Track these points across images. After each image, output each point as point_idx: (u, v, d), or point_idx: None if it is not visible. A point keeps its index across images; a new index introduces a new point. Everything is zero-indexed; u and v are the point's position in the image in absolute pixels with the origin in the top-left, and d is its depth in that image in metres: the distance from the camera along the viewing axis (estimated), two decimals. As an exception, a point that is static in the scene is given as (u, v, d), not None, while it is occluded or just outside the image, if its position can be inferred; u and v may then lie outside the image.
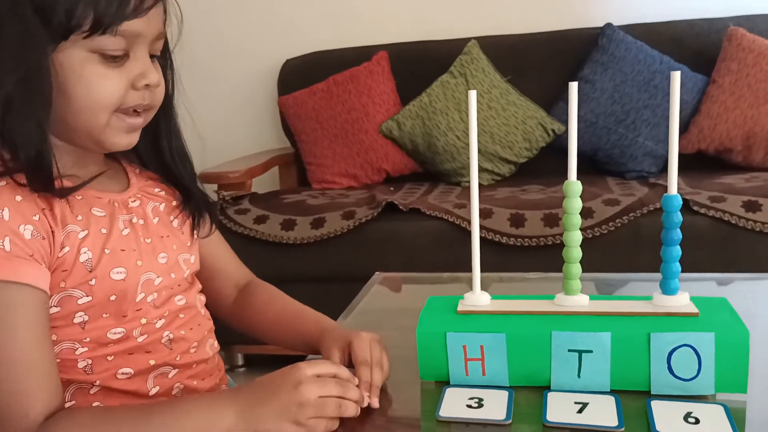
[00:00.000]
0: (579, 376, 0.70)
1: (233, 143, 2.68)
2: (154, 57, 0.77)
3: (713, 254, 1.72)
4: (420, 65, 2.42)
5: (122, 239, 0.76)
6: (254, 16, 2.71)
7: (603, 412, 0.66)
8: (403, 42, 2.49)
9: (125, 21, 0.69)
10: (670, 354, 0.68)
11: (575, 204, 0.73)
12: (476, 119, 0.73)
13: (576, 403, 0.68)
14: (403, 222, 1.91)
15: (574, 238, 0.74)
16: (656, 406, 0.66)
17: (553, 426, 0.65)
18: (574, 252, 0.74)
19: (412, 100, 2.34)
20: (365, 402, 0.70)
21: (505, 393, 0.71)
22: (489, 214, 1.85)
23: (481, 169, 2.25)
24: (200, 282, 0.90)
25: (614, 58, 2.22)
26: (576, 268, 0.74)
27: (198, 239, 0.89)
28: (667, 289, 0.72)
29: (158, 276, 0.79)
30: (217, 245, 0.95)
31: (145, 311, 0.78)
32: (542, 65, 2.36)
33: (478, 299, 0.77)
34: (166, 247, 0.81)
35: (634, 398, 0.68)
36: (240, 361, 2.19)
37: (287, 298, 0.93)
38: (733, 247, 1.73)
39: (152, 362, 0.78)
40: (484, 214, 1.84)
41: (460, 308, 0.76)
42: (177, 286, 0.82)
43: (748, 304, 0.87)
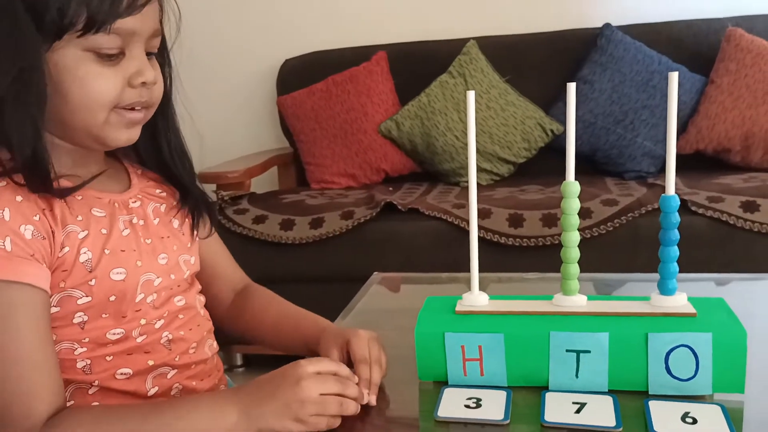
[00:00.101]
0: (577, 377, 0.70)
1: (232, 143, 2.68)
2: (152, 54, 0.77)
3: (711, 254, 1.72)
4: (419, 65, 2.42)
5: (122, 240, 0.76)
6: (253, 16, 2.71)
7: (601, 412, 0.66)
8: (402, 42, 2.49)
9: (119, 19, 0.69)
10: (668, 354, 0.68)
11: (573, 204, 0.73)
12: (475, 119, 0.73)
13: (574, 403, 0.68)
14: (402, 222, 1.91)
15: (573, 239, 0.74)
16: (654, 406, 0.66)
17: (551, 426, 0.65)
18: (573, 252, 0.74)
19: (411, 100, 2.34)
20: (365, 400, 0.71)
21: (503, 393, 0.71)
22: (487, 214, 1.85)
23: (480, 169, 2.25)
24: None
25: (613, 59, 2.22)
26: (574, 269, 0.74)
27: (198, 240, 0.89)
28: (665, 290, 0.72)
29: (158, 277, 0.79)
30: (216, 248, 0.95)
31: (145, 312, 0.77)
32: (541, 65, 2.36)
33: (477, 299, 0.77)
34: (167, 248, 0.81)
35: (632, 398, 0.68)
36: (239, 361, 2.19)
37: (284, 302, 0.93)
38: (731, 248, 1.73)
39: (151, 363, 0.78)
40: (483, 214, 1.84)
41: (459, 308, 0.76)
42: (177, 287, 0.82)
43: (746, 305, 0.87)
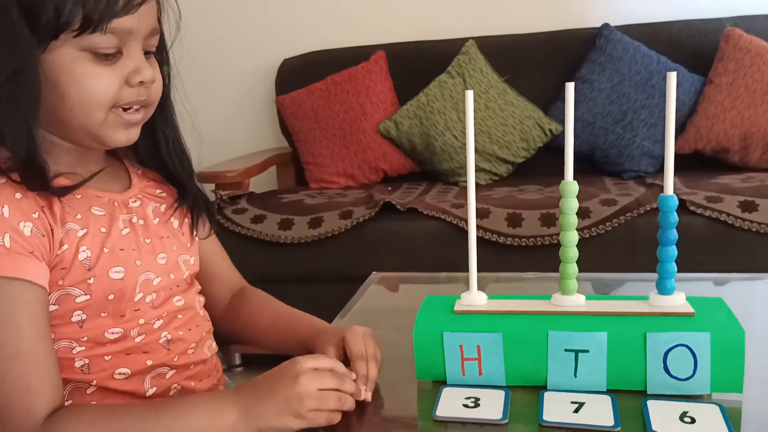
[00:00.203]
0: (575, 376, 0.70)
1: (231, 143, 2.68)
2: (150, 53, 0.76)
3: (709, 254, 1.72)
4: (418, 65, 2.42)
5: (122, 239, 0.76)
6: (252, 16, 2.71)
7: (599, 412, 0.66)
8: (401, 42, 2.49)
9: (115, 18, 0.69)
10: (666, 354, 0.68)
11: (572, 204, 0.73)
12: (473, 119, 0.73)
13: (572, 403, 0.68)
14: (401, 222, 1.90)
15: (571, 238, 0.74)
16: (652, 406, 0.66)
17: (550, 425, 0.65)
18: (571, 252, 0.74)
19: (410, 100, 2.34)
20: (362, 396, 0.71)
21: (502, 392, 0.71)
22: (486, 214, 1.85)
23: (479, 169, 2.25)
24: None
25: (611, 59, 2.22)
26: (573, 268, 0.74)
27: (197, 240, 0.89)
28: (664, 289, 0.72)
29: (157, 276, 0.79)
30: (215, 249, 0.95)
31: (144, 311, 0.77)
32: (540, 65, 2.36)
33: (475, 299, 0.77)
34: (166, 248, 0.81)
35: (630, 398, 0.69)
36: (237, 361, 2.19)
37: (279, 303, 0.94)
38: (730, 248, 1.73)
39: (150, 363, 0.78)
40: (482, 214, 1.84)
41: (457, 308, 0.76)
42: (176, 287, 0.82)
43: (744, 304, 0.87)
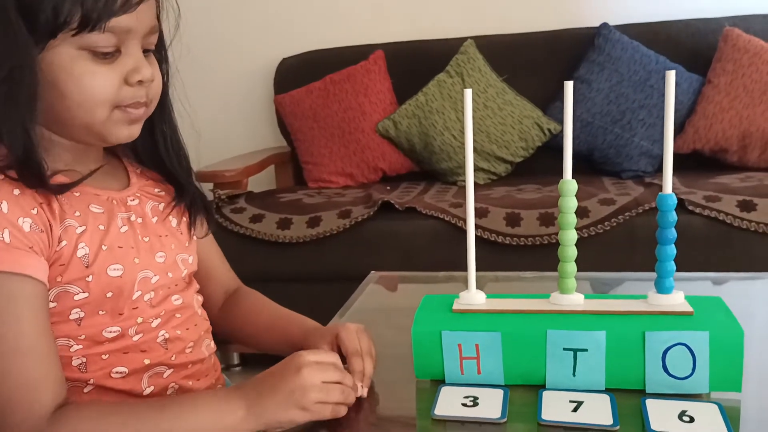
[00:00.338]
0: (574, 375, 0.70)
1: (229, 142, 2.68)
2: (149, 51, 0.76)
3: (708, 254, 1.72)
4: (416, 64, 2.42)
5: (120, 236, 0.76)
6: (251, 15, 2.70)
7: (598, 411, 0.66)
8: (400, 41, 2.49)
9: (113, 17, 0.68)
10: (665, 353, 0.68)
11: (570, 203, 0.73)
12: (472, 118, 0.73)
13: (571, 402, 0.68)
14: (400, 221, 1.90)
15: (570, 237, 0.74)
16: (651, 405, 0.66)
17: (548, 424, 0.65)
18: (570, 251, 0.74)
19: (409, 99, 2.34)
20: (359, 392, 0.72)
21: (500, 391, 0.71)
22: (485, 214, 1.85)
23: (477, 169, 2.24)
24: None
25: (610, 58, 2.22)
26: (571, 267, 0.74)
27: (195, 239, 0.89)
28: (662, 288, 0.72)
29: (155, 275, 0.79)
30: (211, 249, 0.95)
31: (142, 310, 0.77)
32: (538, 65, 2.36)
33: (474, 298, 0.77)
34: (164, 247, 0.81)
35: (629, 397, 0.69)
36: (236, 361, 2.19)
37: (273, 304, 0.94)
38: (728, 247, 1.73)
39: (147, 362, 0.78)
40: (480, 213, 1.84)
41: (456, 307, 0.76)
42: (174, 286, 0.82)
43: (743, 304, 0.87)
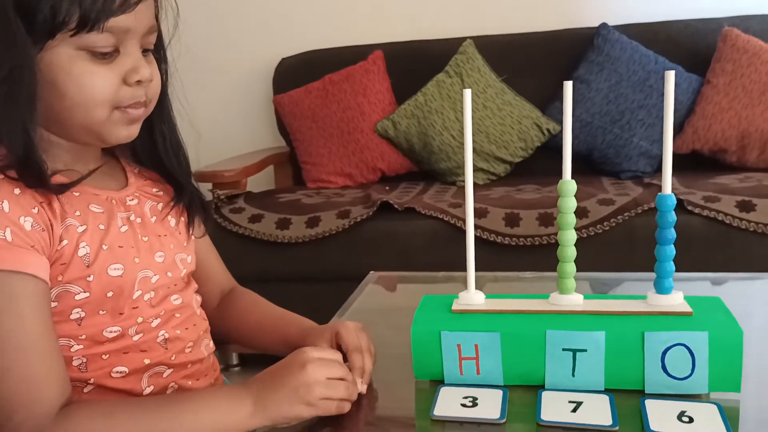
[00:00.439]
0: (573, 375, 0.70)
1: (228, 142, 2.68)
2: (148, 51, 0.76)
3: (707, 254, 1.72)
4: (415, 64, 2.42)
5: (120, 236, 0.76)
6: (250, 15, 2.70)
7: (597, 411, 0.66)
8: (399, 41, 2.49)
9: (112, 17, 0.68)
10: (664, 353, 0.68)
11: (570, 203, 0.73)
12: (471, 119, 0.73)
13: (570, 402, 0.68)
14: (399, 221, 1.90)
15: (569, 238, 0.74)
16: (650, 405, 0.66)
17: (548, 425, 0.65)
18: (569, 251, 0.74)
19: (408, 100, 2.34)
20: (359, 388, 0.72)
21: (500, 392, 0.71)
22: (484, 214, 1.85)
23: (477, 169, 2.24)
24: None
25: (609, 58, 2.22)
26: (570, 267, 0.74)
27: (193, 239, 0.89)
28: (662, 289, 0.72)
29: (155, 274, 0.79)
30: (208, 250, 0.95)
31: (142, 310, 0.77)
32: (538, 65, 2.36)
33: (473, 298, 0.77)
34: (164, 246, 0.81)
35: (628, 397, 0.69)
36: (235, 361, 2.19)
37: (269, 304, 0.94)
38: (727, 247, 1.73)
39: (147, 361, 0.78)
40: (479, 214, 1.84)
41: (455, 307, 0.76)
42: (173, 286, 0.82)
43: (742, 304, 0.87)
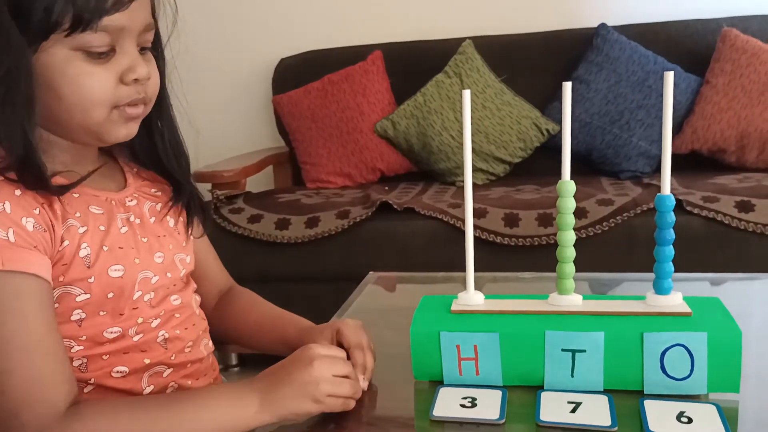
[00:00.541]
0: (572, 376, 0.70)
1: (227, 142, 2.67)
2: (146, 49, 0.75)
3: (706, 254, 1.72)
4: (415, 65, 2.42)
5: (120, 237, 0.76)
6: (249, 15, 2.70)
7: (596, 412, 0.66)
8: (398, 41, 2.49)
9: (106, 16, 0.68)
10: (663, 353, 0.68)
11: (569, 204, 0.73)
12: (470, 119, 0.73)
13: (569, 403, 0.68)
14: (398, 221, 1.90)
15: (568, 238, 0.74)
16: (649, 406, 0.67)
17: (547, 425, 0.65)
18: (568, 251, 0.74)
19: (407, 100, 2.34)
20: (361, 384, 0.72)
21: (499, 392, 0.71)
22: (483, 214, 1.85)
23: (476, 169, 2.25)
24: None
25: (608, 59, 2.22)
26: (570, 268, 0.74)
27: (192, 239, 0.89)
28: (661, 289, 0.72)
29: (155, 275, 0.79)
30: (206, 249, 0.95)
31: (141, 310, 0.77)
32: (537, 65, 2.36)
33: (472, 299, 0.77)
34: (163, 247, 0.81)
35: (627, 398, 0.69)
36: (234, 361, 2.18)
37: (267, 304, 0.94)
38: (726, 248, 1.73)
39: (147, 361, 0.78)
40: (479, 214, 1.84)
41: (454, 308, 0.76)
42: (173, 286, 0.82)
43: (741, 304, 0.87)
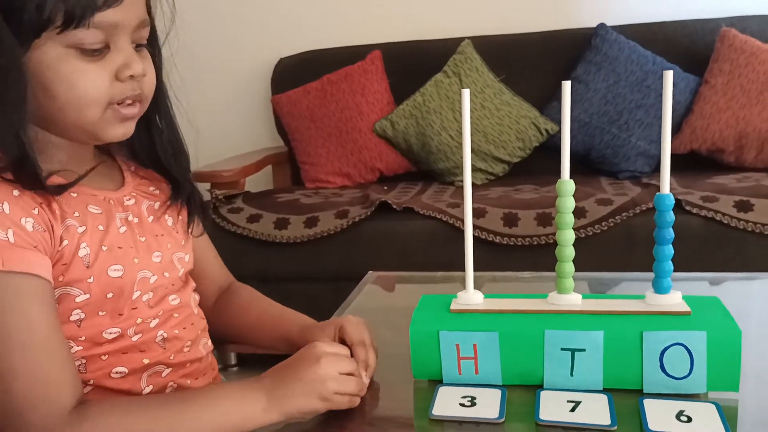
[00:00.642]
0: (572, 375, 0.70)
1: (226, 142, 2.67)
2: (142, 46, 0.75)
3: (705, 254, 1.72)
4: (414, 64, 2.42)
5: (119, 237, 0.76)
6: (248, 14, 2.70)
7: (595, 411, 0.66)
8: (397, 41, 2.49)
9: (98, 12, 0.67)
10: (663, 352, 0.68)
11: (568, 203, 0.73)
12: (470, 118, 0.73)
13: (569, 402, 0.68)
14: (397, 221, 1.90)
15: (567, 237, 0.74)
16: (649, 405, 0.67)
17: (546, 424, 0.65)
18: (567, 251, 0.74)
19: (406, 100, 2.34)
20: (364, 381, 0.73)
21: (498, 392, 0.71)
22: (482, 214, 1.85)
23: (475, 169, 2.25)
24: None
25: (607, 59, 2.22)
26: (569, 267, 0.74)
27: (191, 238, 0.89)
28: (660, 288, 0.72)
29: (153, 274, 0.79)
30: (205, 247, 0.95)
31: (140, 310, 0.77)
32: (536, 65, 2.36)
33: (471, 298, 0.77)
34: (161, 246, 0.81)
35: (627, 397, 0.69)
36: (233, 361, 2.18)
37: (267, 300, 0.94)
38: (725, 247, 1.73)
39: (146, 361, 0.78)
40: (478, 214, 1.84)
41: (453, 307, 0.76)
42: (171, 286, 0.82)
43: (740, 303, 0.87)
